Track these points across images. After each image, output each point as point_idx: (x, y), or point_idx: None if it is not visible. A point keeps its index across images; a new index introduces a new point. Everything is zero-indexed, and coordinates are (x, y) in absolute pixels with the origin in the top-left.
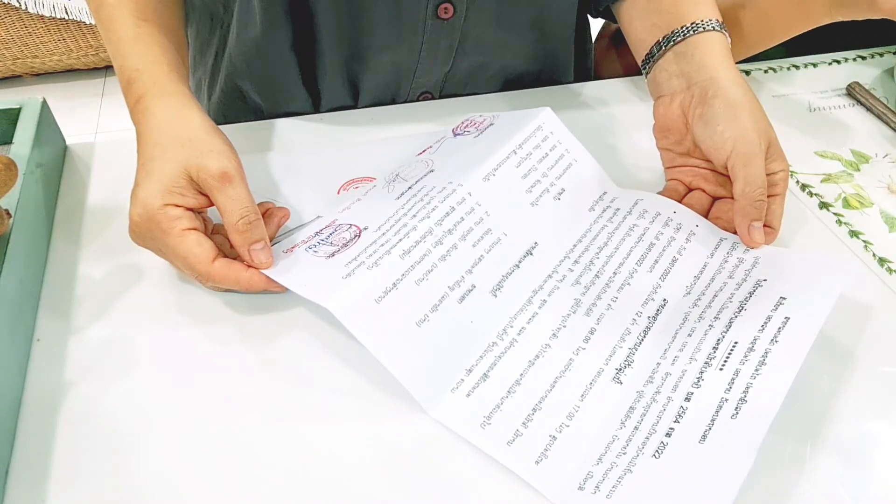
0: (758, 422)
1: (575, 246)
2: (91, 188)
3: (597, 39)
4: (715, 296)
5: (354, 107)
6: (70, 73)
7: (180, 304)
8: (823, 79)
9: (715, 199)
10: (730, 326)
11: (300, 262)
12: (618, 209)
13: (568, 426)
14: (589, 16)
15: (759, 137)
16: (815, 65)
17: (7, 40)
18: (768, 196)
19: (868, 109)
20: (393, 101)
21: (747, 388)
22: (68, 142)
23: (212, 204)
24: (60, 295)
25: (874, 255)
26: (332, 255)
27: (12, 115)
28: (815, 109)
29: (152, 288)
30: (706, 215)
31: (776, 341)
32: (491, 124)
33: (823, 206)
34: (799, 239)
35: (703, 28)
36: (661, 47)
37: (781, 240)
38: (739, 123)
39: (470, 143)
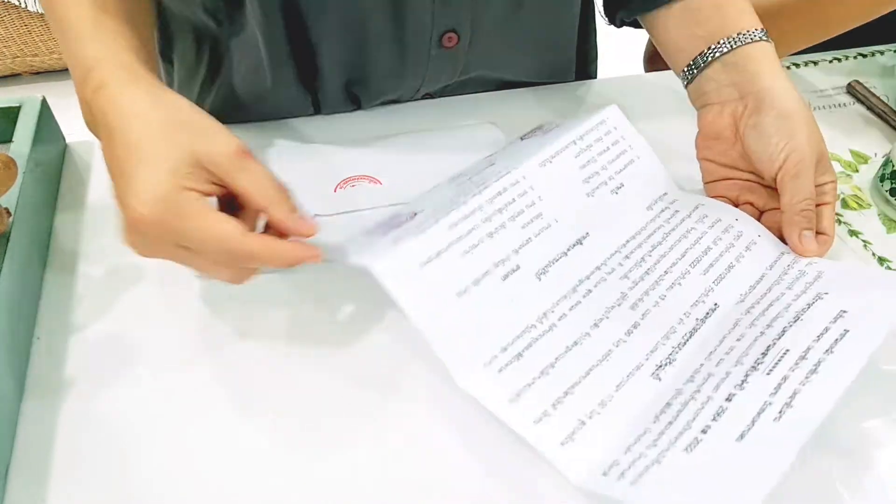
0: (802, 426)
1: (628, 242)
2: (91, 187)
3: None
4: (770, 305)
5: None
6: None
7: (180, 302)
8: (824, 77)
9: (763, 212)
10: (783, 335)
11: (350, 238)
12: (676, 211)
13: (599, 413)
14: (613, 26)
15: (812, 151)
16: (815, 63)
17: (7, 38)
18: (818, 205)
19: (869, 108)
20: None
21: (794, 393)
22: (68, 140)
23: (224, 192)
24: (60, 293)
25: (873, 254)
26: (385, 233)
27: (12, 114)
28: (815, 108)
29: (152, 287)
30: None
31: (831, 352)
32: (557, 126)
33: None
34: None
35: (752, 39)
36: (706, 58)
37: None
38: (793, 136)
39: (534, 142)
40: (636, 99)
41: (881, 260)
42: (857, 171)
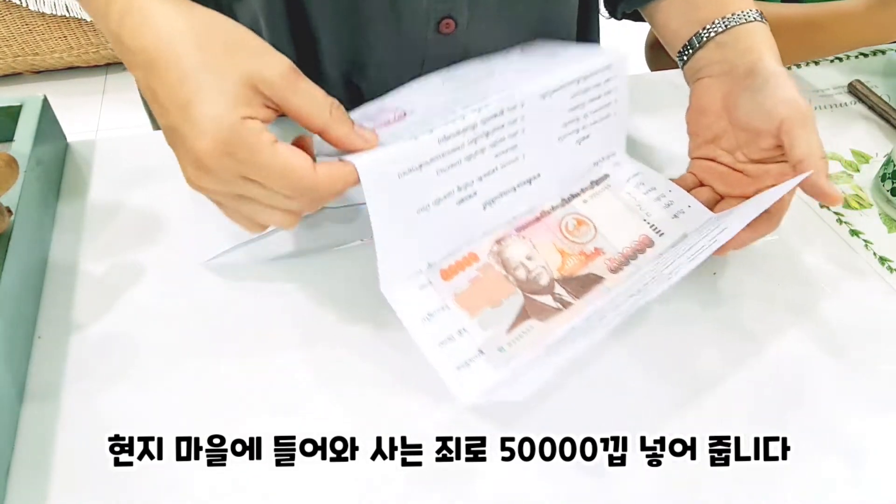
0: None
1: (570, 194)
2: (92, 186)
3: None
4: (679, 252)
5: None
6: (71, 70)
7: (181, 301)
8: (825, 76)
9: (722, 198)
10: (670, 265)
11: None
12: (617, 174)
13: (504, 350)
14: (613, 19)
15: (811, 112)
16: (816, 62)
17: (8, 38)
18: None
19: (870, 108)
20: None
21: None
22: (69, 139)
23: (278, 115)
24: (61, 292)
25: (874, 253)
26: (372, 129)
27: (13, 113)
28: (816, 108)
29: (153, 285)
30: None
31: (694, 259)
32: (566, 48)
33: (824, 204)
34: (799, 237)
35: (745, 19)
36: (701, 39)
37: (782, 238)
38: (789, 89)
39: (538, 59)
40: (638, 97)
41: (882, 260)
42: (858, 170)
